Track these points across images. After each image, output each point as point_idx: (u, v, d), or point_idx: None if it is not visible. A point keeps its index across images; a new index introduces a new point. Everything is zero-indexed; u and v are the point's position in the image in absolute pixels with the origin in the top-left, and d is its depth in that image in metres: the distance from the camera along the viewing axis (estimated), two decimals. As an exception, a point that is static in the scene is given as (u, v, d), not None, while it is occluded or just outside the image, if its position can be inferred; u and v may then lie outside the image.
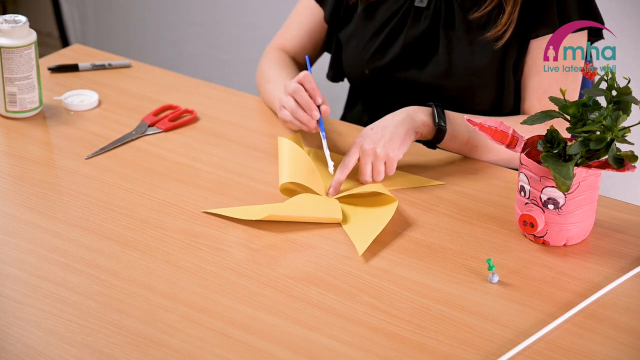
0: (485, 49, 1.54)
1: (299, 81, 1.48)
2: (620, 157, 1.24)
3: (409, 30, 1.59)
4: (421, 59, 1.59)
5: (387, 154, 1.41)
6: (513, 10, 1.50)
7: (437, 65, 1.57)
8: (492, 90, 1.57)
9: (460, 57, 1.56)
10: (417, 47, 1.59)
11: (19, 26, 1.55)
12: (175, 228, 1.32)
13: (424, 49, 1.59)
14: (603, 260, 1.28)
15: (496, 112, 1.58)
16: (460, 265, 1.26)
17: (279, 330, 1.14)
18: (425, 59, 1.59)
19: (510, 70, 1.55)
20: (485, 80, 1.56)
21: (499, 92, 1.57)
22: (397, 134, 1.42)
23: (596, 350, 1.12)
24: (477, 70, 1.55)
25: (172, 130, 1.60)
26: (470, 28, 1.55)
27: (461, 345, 1.12)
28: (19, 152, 1.51)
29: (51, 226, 1.32)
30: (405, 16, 1.60)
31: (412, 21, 1.59)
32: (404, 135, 1.43)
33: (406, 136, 1.43)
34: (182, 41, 3.01)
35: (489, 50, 1.54)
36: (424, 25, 1.58)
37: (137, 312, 1.15)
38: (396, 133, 1.42)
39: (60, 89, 1.71)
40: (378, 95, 1.66)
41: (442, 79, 1.57)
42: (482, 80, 1.56)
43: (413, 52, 1.59)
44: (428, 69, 1.58)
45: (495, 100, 1.58)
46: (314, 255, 1.28)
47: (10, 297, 1.18)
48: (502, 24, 1.51)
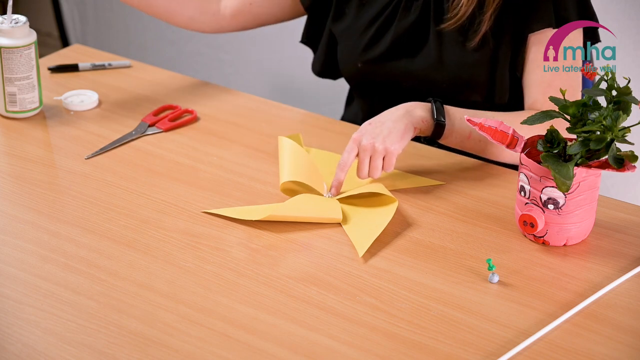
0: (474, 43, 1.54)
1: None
2: (620, 157, 1.24)
3: (400, 22, 1.59)
4: (412, 50, 1.59)
5: (386, 148, 1.39)
6: (486, 11, 1.51)
7: (427, 57, 1.58)
8: (484, 84, 1.57)
9: (451, 48, 1.56)
10: (407, 38, 1.59)
11: (19, 26, 1.55)
12: (175, 228, 1.32)
13: (414, 40, 1.59)
14: (603, 260, 1.28)
15: (489, 105, 1.58)
16: (460, 265, 1.26)
17: (279, 330, 1.14)
18: (416, 50, 1.59)
19: (504, 65, 1.55)
20: (477, 74, 1.56)
21: (490, 85, 1.57)
22: (396, 128, 1.41)
23: (596, 350, 1.12)
24: (467, 63, 1.55)
25: (172, 130, 1.60)
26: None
27: (461, 345, 1.12)
28: (19, 152, 1.51)
29: (51, 226, 1.32)
30: (396, 8, 1.60)
31: (402, 12, 1.59)
32: (403, 130, 1.41)
33: (405, 131, 1.42)
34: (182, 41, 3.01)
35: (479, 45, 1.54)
36: (413, 17, 1.58)
37: (137, 312, 1.15)
38: (395, 128, 1.41)
39: (60, 89, 1.71)
40: (372, 89, 1.66)
41: (433, 70, 1.57)
42: (473, 73, 1.56)
43: (403, 44, 1.60)
44: (419, 60, 1.59)
45: (487, 93, 1.58)
46: (314, 255, 1.28)
47: (10, 297, 1.18)
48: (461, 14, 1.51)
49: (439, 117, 1.45)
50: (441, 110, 1.45)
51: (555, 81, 1.51)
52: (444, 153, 1.54)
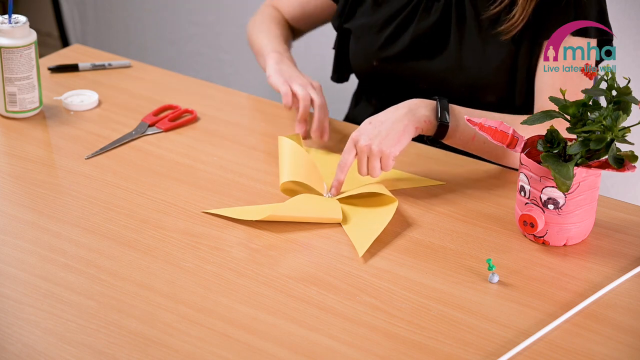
0: (496, 47, 1.54)
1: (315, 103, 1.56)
2: (620, 157, 1.24)
3: (419, 22, 1.59)
4: (431, 51, 1.59)
5: (381, 151, 1.38)
6: (527, 6, 1.49)
7: (447, 59, 1.57)
8: (502, 88, 1.56)
9: (472, 52, 1.55)
10: (427, 39, 1.59)
11: (19, 26, 1.55)
12: (175, 228, 1.32)
13: (434, 41, 1.58)
14: (603, 260, 1.28)
15: (505, 109, 1.57)
16: (460, 265, 1.26)
17: (279, 330, 1.14)
18: (435, 52, 1.58)
19: (523, 71, 1.54)
20: (496, 77, 1.55)
21: (509, 89, 1.56)
22: (395, 129, 1.40)
23: (596, 350, 1.12)
24: (487, 68, 1.54)
25: (172, 130, 1.60)
26: (481, 24, 1.54)
27: (461, 345, 1.12)
28: (19, 152, 1.51)
29: (51, 226, 1.32)
30: (416, 8, 1.60)
31: (422, 13, 1.59)
32: (401, 131, 1.40)
33: (404, 132, 1.40)
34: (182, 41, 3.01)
35: (501, 47, 1.53)
36: (434, 18, 1.58)
37: (137, 312, 1.15)
38: (393, 129, 1.40)
39: (60, 89, 1.71)
40: (386, 89, 1.65)
41: (451, 72, 1.57)
42: (492, 76, 1.55)
43: (423, 44, 1.59)
44: (438, 61, 1.58)
45: (505, 97, 1.57)
46: (314, 255, 1.28)
47: (10, 297, 1.18)
48: (516, 17, 1.50)
49: (442, 117, 1.43)
50: (446, 110, 1.43)
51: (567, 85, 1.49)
52: (443, 153, 1.54)
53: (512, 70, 1.55)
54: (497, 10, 1.52)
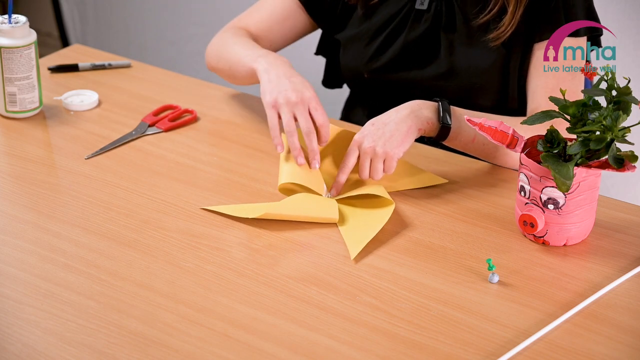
0: (487, 51, 1.54)
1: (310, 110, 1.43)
2: (620, 157, 1.24)
3: (409, 33, 1.59)
4: (422, 60, 1.59)
5: (386, 152, 1.39)
6: (516, 11, 1.50)
7: (438, 67, 1.57)
8: (494, 93, 1.56)
9: (462, 59, 1.55)
10: (417, 48, 1.59)
11: (19, 26, 1.55)
12: (175, 228, 1.32)
13: (424, 50, 1.58)
14: (603, 260, 1.28)
15: (499, 112, 1.57)
16: (460, 265, 1.26)
17: (279, 330, 1.14)
18: (426, 60, 1.59)
19: (515, 74, 1.54)
20: (488, 82, 1.55)
21: (501, 94, 1.57)
22: (398, 131, 1.40)
23: (596, 350, 1.12)
24: (479, 71, 1.55)
25: (172, 130, 1.60)
26: (471, 31, 1.55)
27: (461, 345, 1.12)
28: (19, 152, 1.51)
29: (51, 226, 1.32)
30: (406, 18, 1.59)
31: (412, 23, 1.59)
32: (405, 133, 1.40)
33: (408, 134, 1.40)
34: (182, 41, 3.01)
35: (491, 52, 1.54)
36: (423, 27, 1.58)
37: (137, 312, 1.15)
38: (397, 130, 1.40)
39: (60, 89, 1.71)
40: (377, 99, 1.65)
41: (443, 80, 1.57)
42: (484, 82, 1.55)
43: (413, 54, 1.59)
44: (429, 69, 1.58)
45: (497, 102, 1.57)
46: (314, 255, 1.28)
47: (10, 297, 1.18)
48: (505, 25, 1.50)
49: (444, 119, 1.43)
50: (448, 112, 1.43)
51: (561, 86, 1.50)
52: (444, 153, 1.54)
53: (504, 74, 1.55)
54: (487, 19, 1.52)
